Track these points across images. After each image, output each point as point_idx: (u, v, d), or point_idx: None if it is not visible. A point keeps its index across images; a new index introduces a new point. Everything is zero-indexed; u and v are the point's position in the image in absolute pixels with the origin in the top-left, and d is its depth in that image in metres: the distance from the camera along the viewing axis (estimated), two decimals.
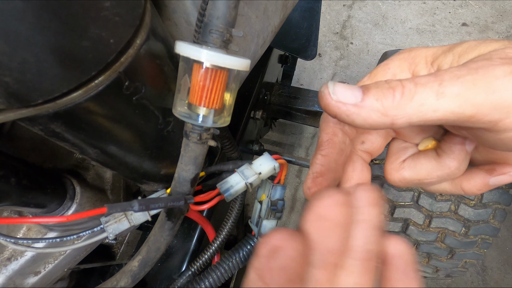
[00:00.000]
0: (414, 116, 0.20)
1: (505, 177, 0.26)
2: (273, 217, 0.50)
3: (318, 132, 1.79)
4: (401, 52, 0.27)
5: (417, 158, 0.28)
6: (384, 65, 0.27)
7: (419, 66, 0.26)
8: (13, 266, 0.49)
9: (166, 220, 0.43)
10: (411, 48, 0.27)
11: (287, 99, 1.18)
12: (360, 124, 0.21)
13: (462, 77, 0.19)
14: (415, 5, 2.18)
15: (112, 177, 0.57)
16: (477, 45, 0.22)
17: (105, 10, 0.25)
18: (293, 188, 1.66)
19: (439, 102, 0.20)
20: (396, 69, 0.26)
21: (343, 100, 0.21)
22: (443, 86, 0.20)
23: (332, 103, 0.21)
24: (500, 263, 1.42)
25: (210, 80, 0.30)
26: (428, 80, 0.20)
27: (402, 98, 0.20)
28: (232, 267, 0.52)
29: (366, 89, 0.21)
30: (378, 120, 0.21)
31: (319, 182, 0.28)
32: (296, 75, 1.94)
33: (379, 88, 0.21)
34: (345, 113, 0.21)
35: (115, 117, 0.34)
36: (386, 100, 0.20)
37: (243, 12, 0.44)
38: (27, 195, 0.39)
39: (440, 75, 0.20)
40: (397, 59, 0.27)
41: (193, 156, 0.36)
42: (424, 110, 0.20)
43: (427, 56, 0.25)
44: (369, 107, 0.21)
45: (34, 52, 0.23)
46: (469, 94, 0.19)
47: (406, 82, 0.21)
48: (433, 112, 0.20)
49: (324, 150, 0.28)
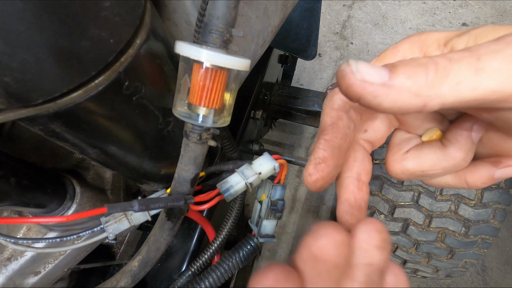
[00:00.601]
0: (449, 96, 0.18)
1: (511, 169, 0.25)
2: (273, 217, 0.50)
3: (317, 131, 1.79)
4: (411, 35, 0.25)
5: (420, 149, 0.26)
6: (393, 48, 0.25)
7: (430, 48, 0.24)
8: (13, 266, 0.49)
9: (166, 220, 0.43)
10: (421, 32, 0.25)
11: (287, 99, 1.18)
12: (389, 107, 0.19)
13: (502, 50, 0.17)
14: (415, 5, 2.18)
15: (112, 177, 0.57)
16: (495, 29, 0.21)
17: (105, 10, 0.25)
18: (293, 188, 1.66)
19: (479, 79, 0.17)
20: (406, 51, 0.25)
21: (369, 79, 0.18)
22: (481, 61, 0.17)
23: (357, 83, 0.18)
24: (500, 263, 1.42)
25: (210, 80, 0.30)
26: (463, 56, 0.18)
27: (436, 75, 0.18)
28: (232, 267, 0.52)
29: (393, 67, 0.19)
30: (409, 102, 0.18)
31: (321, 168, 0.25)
32: (296, 75, 1.94)
33: (409, 65, 0.18)
34: (371, 94, 0.18)
35: (115, 117, 0.34)
36: (419, 78, 0.18)
37: (243, 12, 0.44)
38: (27, 195, 0.39)
39: (475, 49, 0.18)
40: (407, 41, 0.25)
41: (193, 156, 0.36)
42: (461, 89, 0.18)
43: (439, 39, 0.24)
44: (399, 87, 0.18)
45: (34, 52, 0.23)
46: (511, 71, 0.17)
47: (439, 58, 0.18)
48: (471, 91, 0.17)
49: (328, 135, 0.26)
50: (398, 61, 0.19)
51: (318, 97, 1.18)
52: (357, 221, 0.25)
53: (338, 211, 0.28)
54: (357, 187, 0.28)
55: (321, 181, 0.26)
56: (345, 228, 0.23)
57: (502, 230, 1.44)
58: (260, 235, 0.50)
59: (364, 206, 0.28)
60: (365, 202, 0.28)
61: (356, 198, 0.28)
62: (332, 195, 1.62)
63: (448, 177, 0.27)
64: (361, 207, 0.28)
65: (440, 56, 0.18)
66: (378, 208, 0.92)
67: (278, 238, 1.52)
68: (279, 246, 1.52)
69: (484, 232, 0.86)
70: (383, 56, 0.26)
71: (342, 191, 0.28)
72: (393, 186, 0.88)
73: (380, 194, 0.91)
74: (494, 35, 0.20)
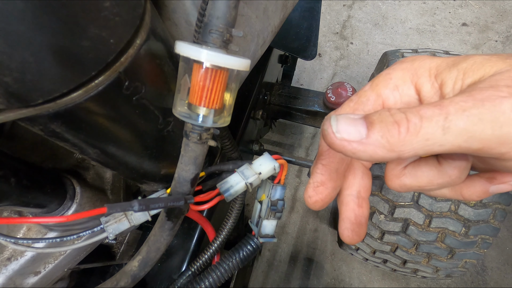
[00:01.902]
0: (420, 150, 0.20)
1: (505, 186, 0.26)
2: (273, 217, 0.50)
3: (318, 132, 1.79)
4: (404, 60, 0.26)
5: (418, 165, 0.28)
6: (386, 74, 0.27)
7: (422, 78, 0.25)
8: (13, 266, 0.49)
9: (166, 220, 0.43)
10: (414, 57, 0.26)
11: (287, 99, 1.18)
12: (366, 159, 0.22)
13: (467, 110, 0.19)
14: (415, 5, 2.18)
15: (112, 177, 0.57)
16: (483, 62, 0.22)
17: (105, 10, 0.25)
18: (293, 188, 1.66)
19: (445, 137, 0.19)
20: (399, 80, 0.26)
21: (347, 138, 0.21)
22: (448, 120, 0.19)
23: (337, 142, 0.21)
24: (500, 263, 1.42)
25: (210, 80, 0.30)
26: (433, 113, 0.20)
27: (407, 134, 0.20)
28: (232, 267, 0.52)
29: (370, 124, 0.21)
30: (384, 156, 0.21)
31: (320, 191, 0.28)
32: (296, 75, 1.94)
33: (383, 122, 0.21)
34: (351, 151, 0.21)
35: (115, 117, 0.34)
36: (392, 137, 0.20)
37: (243, 12, 0.44)
38: (27, 195, 0.39)
39: (445, 106, 0.20)
40: (400, 68, 0.26)
41: (193, 156, 0.36)
42: (430, 144, 0.20)
43: (431, 68, 0.25)
44: (374, 144, 0.21)
45: (34, 52, 0.23)
46: (475, 129, 0.19)
47: (411, 115, 0.20)
48: (440, 146, 0.20)
49: (325, 160, 0.29)
50: (376, 115, 0.21)
51: (318, 97, 1.18)
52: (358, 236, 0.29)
53: (340, 227, 0.31)
54: (357, 204, 0.30)
55: (320, 202, 0.29)
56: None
57: (502, 230, 1.44)
58: (260, 235, 0.50)
59: (364, 222, 0.30)
60: (366, 218, 0.31)
61: (357, 215, 0.30)
62: None
63: (445, 190, 0.29)
64: (362, 223, 0.30)
65: (412, 113, 0.20)
66: (378, 208, 0.92)
67: (278, 238, 1.52)
68: (279, 246, 1.52)
69: (484, 232, 0.85)
70: (377, 83, 0.27)
71: (343, 208, 0.31)
72: None
73: (380, 194, 0.91)
74: (482, 72, 0.22)
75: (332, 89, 1.09)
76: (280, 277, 1.45)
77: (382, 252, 1.02)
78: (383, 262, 1.08)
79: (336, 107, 1.10)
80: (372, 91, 0.27)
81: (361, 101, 0.27)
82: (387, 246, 0.98)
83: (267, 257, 1.49)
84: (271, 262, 1.48)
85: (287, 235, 1.54)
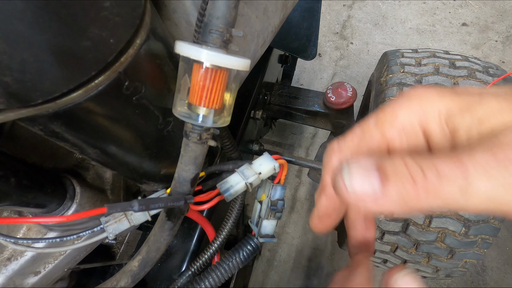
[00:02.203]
0: (436, 208, 0.19)
1: None
2: (273, 217, 0.50)
3: (318, 132, 1.79)
4: (411, 96, 0.25)
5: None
6: (392, 112, 0.25)
7: (431, 123, 0.24)
8: (13, 266, 0.49)
9: (166, 220, 0.43)
10: (422, 94, 0.24)
11: (287, 99, 1.18)
12: (378, 213, 0.21)
13: (489, 171, 0.18)
14: (415, 5, 2.18)
15: (112, 177, 0.57)
16: (500, 110, 0.20)
17: (105, 10, 0.25)
18: (293, 188, 1.66)
19: (465, 200, 0.18)
20: (406, 121, 0.24)
21: (360, 192, 0.20)
22: (469, 182, 0.18)
23: (350, 197, 0.20)
24: (500, 263, 1.42)
25: (210, 80, 0.30)
26: (452, 172, 0.18)
27: (424, 193, 0.19)
28: (232, 267, 0.52)
29: (385, 178, 0.20)
30: (396, 209, 0.20)
31: (324, 220, 0.29)
32: (296, 75, 1.94)
33: (398, 176, 0.19)
34: (363, 206, 0.20)
35: (115, 117, 0.34)
36: (408, 195, 0.19)
37: (243, 12, 0.44)
38: (27, 195, 0.39)
39: (464, 164, 0.18)
40: (407, 107, 0.25)
41: (193, 156, 0.36)
42: (448, 204, 0.19)
43: (441, 112, 0.23)
44: (388, 201, 0.19)
45: (34, 52, 0.23)
46: (498, 195, 0.18)
47: (428, 171, 0.19)
48: (457, 208, 0.19)
49: (329, 192, 0.28)
50: (390, 166, 0.20)
51: (318, 97, 1.18)
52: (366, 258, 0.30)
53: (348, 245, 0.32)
54: (364, 227, 0.32)
55: (325, 228, 0.30)
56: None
57: (502, 230, 1.44)
58: (260, 235, 0.50)
59: (371, 241, 0.32)
60: (372, 237, 0.32)
61: (364, 236, 0.31)
62: None
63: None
64: (369, 243, 0.32)
65: (429, 168, 0.19)
66: None
67: (278, 238, 1.52)
68: (279, 246, 1.52)
69: (484, 232, 0.85)
70: (382, 121, 0.26)
71: (350, 229, 0.32)
72: None
73: None
74: (501, 120, 0.20)
75: (332, 89, 1.10)
76: (280, 277, 1.45)
77: (382, 252, 1.02)
78: (383, 262, 1.08)
79: (336, 107, 1.10)
80: (377, 130, 0.25)
81: (365, 138, 0.26)
82: (387, 246, 0.98)
83: (267, 257, 1.49)
84: (271, 262, 1.48)
85: (287, 235, 1.54)
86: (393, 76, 0.99)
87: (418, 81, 0.93)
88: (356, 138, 0.26)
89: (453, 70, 0.92)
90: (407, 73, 0.96)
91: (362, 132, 0.26)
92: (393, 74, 0.99)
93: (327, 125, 1.20)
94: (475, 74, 0.90)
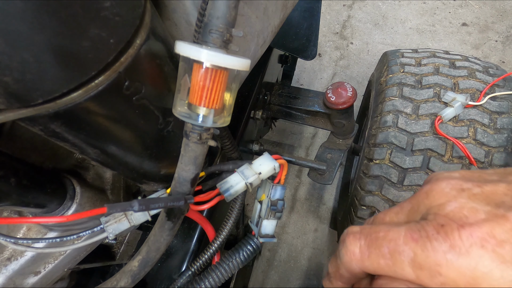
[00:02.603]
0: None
1: None
2: (273, 217, 0.50)
3: (318, 132, 1.79)
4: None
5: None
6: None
7: None
8: (13, 266, 0.49)
9: (166, 220, 0.43)
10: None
11: (287, 99, 1.18)
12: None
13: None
14: (415, 5, 2.18)
15: (112, 177, 0.57)
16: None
17: (105, 10, 0.25)
18: (293, 188, 1.66)
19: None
20: None
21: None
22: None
23: None
24: None
25: (210, 80, 0.30)
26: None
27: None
28: (232, 267, 0.52)
29: None
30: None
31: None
32: (296, 75, 1.94)
33: None
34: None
35: (115, 117, 0.34)
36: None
37: (243, 12, 0.44)
38: (27, 195, 0.39)
39: None
40: None
41: (193, 156, 0.36)
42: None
43: None
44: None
45: (34, 52, 0.23)
46: None
47: None
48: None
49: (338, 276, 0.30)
50: None
51: (318, 97, 1.17)
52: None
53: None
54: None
55: None
56: None
57: None
58: (260, 235, 0.50)
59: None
60: None
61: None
62: (332, 195, 1.62)
63: None
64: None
65: None
66: (378, 208, 0.92)
67: (278, 238, 1.52)
68: (279, 246, 1.52)
69: None
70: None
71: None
72: (393, 186, 0.88)
73: (380, 194, 0.91)
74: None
75: (332, 89, 1.09)
76: (280, 277, 1.45)
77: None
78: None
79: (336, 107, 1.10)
80: None
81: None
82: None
83: (267, 257, 1.49)
84: (271, 262, 1.48)
85: (287, 235, 1.54)
86: (393, 76, 0.99)
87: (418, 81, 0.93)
88: None
89: (453, 70, 0.92)
90: (407, 73, 0.96)
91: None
92: (393, 74, 0.99)
93: (327, 125, 1.20)
94: (475, 74, 0.90)
